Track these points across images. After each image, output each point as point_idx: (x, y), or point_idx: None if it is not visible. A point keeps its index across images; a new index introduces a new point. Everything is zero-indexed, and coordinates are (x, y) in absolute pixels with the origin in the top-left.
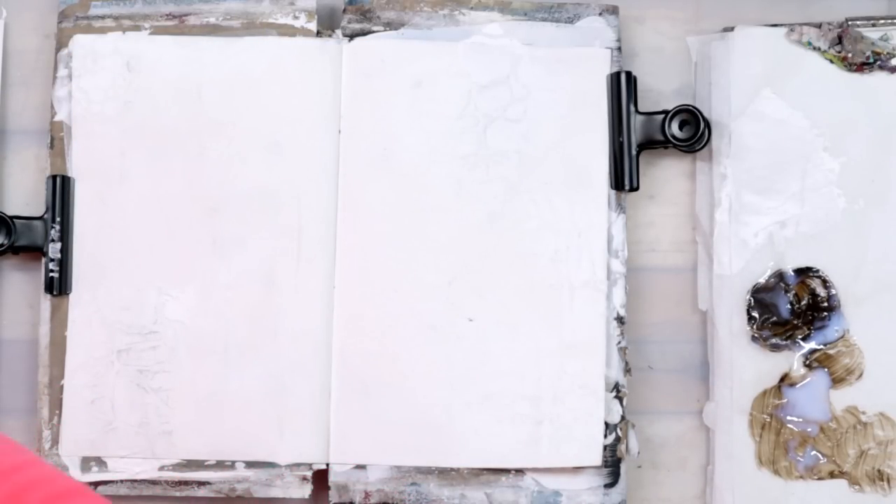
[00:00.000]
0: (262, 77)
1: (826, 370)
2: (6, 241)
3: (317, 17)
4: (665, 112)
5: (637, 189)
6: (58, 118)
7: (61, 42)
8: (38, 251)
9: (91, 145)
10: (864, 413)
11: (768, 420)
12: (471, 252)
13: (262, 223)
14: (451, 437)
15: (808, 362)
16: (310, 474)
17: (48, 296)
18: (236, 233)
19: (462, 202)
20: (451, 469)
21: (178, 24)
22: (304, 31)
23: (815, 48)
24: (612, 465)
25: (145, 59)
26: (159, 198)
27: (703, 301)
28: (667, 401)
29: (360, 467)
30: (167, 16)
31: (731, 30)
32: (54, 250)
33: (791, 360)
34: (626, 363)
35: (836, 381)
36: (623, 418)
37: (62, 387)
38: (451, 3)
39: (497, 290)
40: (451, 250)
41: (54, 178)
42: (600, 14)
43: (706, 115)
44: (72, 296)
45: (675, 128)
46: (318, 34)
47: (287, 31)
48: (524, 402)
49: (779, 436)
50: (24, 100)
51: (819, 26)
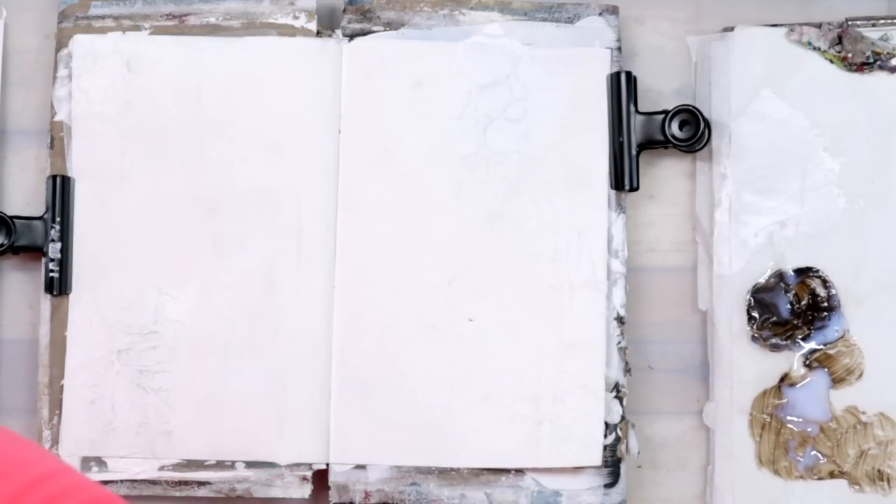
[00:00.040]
0: (262, 77)
1: (826, 370)
2: (6, 241)
3: (317, 17)
4: (665, 112)
5: (637, 189)
6: (58, 118)
7: (61, 42)
8: (38, 251)
9: (91, 145)
10: (864, 413)
11: (768, 420)
12: (471, 252)
13: (262, 223)
14: (451, 437)
15: (808, 362)
16: (310, 474)
17: (48, 296)
18: (236, 233)
19: (462, 202)
20: (451, 469)
21: (178, 24)
22: (304, 31)
23: (815, 48)
24: (612, 465)
25: (145, 59)
26: (159, 198)
27: (703, 301)
28: (667, 401)
29: (360, 467)
30: (167, 16)
31: (731, 30)
32: (54, 250)
33: (791, 360)
34: (626, 363)
35: (836, 381)
36: (623, 418)
37: (62, 387)
38: (451, 3)
39: (497, 290)
40: (451, 250)
41: (54, 178)
42: (600, 14)
43: (706, 115)
44: (72, 296)
45: (675, 128)
46: (318, 34)
47: (287, 31)
48: (524, 402)
49: (779, 436)
50: (24, 100)
51: (819, 26)
